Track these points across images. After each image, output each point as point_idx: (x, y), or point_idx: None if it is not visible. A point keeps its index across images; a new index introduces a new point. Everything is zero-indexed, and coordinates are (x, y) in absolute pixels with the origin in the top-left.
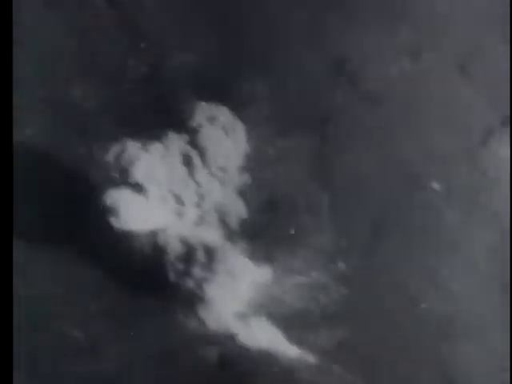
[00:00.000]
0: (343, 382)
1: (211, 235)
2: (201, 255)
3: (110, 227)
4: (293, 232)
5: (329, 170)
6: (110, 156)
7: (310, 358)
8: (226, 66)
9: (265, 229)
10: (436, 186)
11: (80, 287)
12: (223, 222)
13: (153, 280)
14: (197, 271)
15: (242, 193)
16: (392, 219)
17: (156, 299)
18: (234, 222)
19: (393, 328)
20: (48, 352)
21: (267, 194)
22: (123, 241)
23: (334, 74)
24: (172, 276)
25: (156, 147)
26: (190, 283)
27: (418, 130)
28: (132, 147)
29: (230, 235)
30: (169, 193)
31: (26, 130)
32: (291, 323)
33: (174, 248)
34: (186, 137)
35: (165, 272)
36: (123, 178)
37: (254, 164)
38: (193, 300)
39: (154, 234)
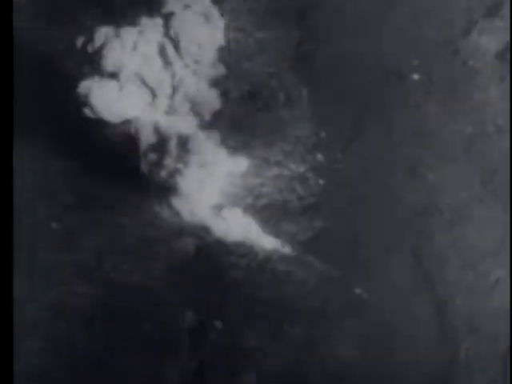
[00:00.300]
0: (319, 273)
1: (185, 126)
2: (174, 146)
3: (85, 118)
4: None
5: (309, 63)
6: (83, 43)
7: (287, 249)
8: None
9: (242, 120)
10: (416, 77)
11: (56, 180)
12: (197, 114)
13: (128, 171)
14: (171, 162)
15: (218, 84)
16: (372, 111)
17: (131, 191)
18: (208, 114)
19: (370, 219)
20: (26, 243)
21: (245, 85)
22: (97, 131)
23: None
24: (146, 167)
25: (130, 33)
26: (163, 174)
27: (399, 21)
28: (104, 34)
29: (204, 126)
30: (142, 82)
31: None
32: (268, 215)
33: (148, 138)
34: (160, 25)
35: (139, 163)
36: (96, 67)
37: (232, 56)
38: (167, 192)
39: (127, 124)
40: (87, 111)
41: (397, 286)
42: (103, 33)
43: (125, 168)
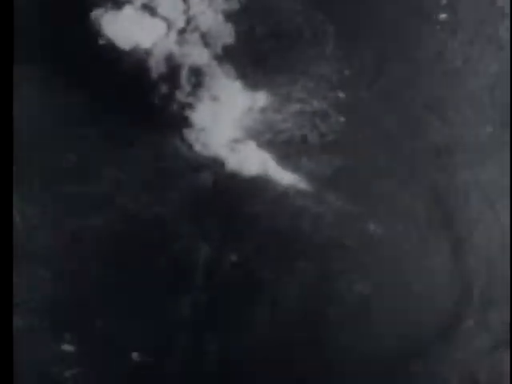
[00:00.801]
0: (337, 210)
1: (198, 58)
2: (187, 78)
3: (99, 47)
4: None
5: (336, 0)
6: None
7: (306, 186)
8: None
9: (265, 56)
10: (443, 16)
11: (73, 113)
12: (211, 47)
13: (141, 104)
14: (183, 95)
15: (243, 20)
16: (397, 50)
17: (147, 124)
18: (221, 47)
19: (392, 157)
20: (40, 174)
21: (270, 22)
22: (111, 61)
23: None
24: (159, 100)
25: None
26: (176, 106)
27: None
28: None
29: (219, 60)
30: (155, 12)
31: None
32: (288, 150)
33: (160, 69)
34: None
35: (152, 95)
36: None
37: None
38: (181, 124)
39: (140, 54)
40: (101, 40)
41: (414, 223)
42: None
43: (138, 100)
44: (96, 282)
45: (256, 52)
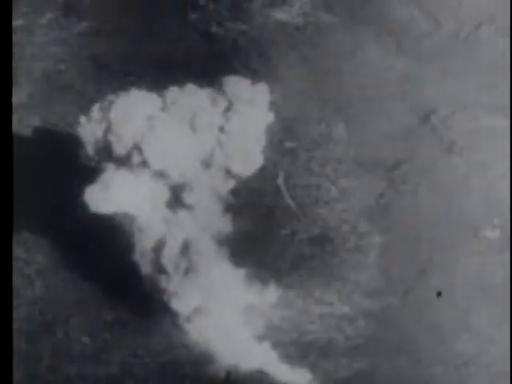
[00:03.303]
0: None
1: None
2: (180, 260)
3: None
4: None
5: (387, 213)
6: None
7: None
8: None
9: (304, 260)
10: (492, 234)
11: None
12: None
13: (149, 301)
14: (175, 281)
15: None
16: (439, 264)
17: (152, 319)
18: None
19: (415, 366)
20: (52, 353)
21: (315, 228)
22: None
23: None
24: (164, 295)
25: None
26: (183, 304)
27: (484, 185)
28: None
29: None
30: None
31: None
32: (309, 351)
33: (161, 260)
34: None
35: (156, 289)
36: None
37: (310, 198)
38: (185, 319)
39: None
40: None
41: None
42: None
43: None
44: None
45: (294, 254)
